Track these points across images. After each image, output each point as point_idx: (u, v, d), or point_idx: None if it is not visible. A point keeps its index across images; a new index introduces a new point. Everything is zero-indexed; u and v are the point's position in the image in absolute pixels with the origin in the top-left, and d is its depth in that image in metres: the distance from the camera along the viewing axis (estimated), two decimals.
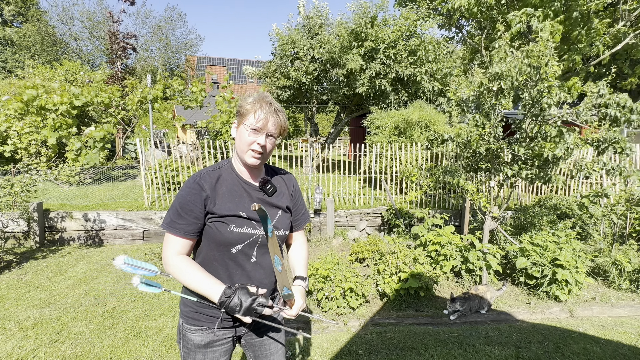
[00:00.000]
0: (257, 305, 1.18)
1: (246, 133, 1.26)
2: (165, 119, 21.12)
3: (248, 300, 1.17)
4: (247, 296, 1.18)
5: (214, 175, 1.30)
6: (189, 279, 1.22)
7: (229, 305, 1.17)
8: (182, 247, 1.27)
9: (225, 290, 1.18)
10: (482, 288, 3.83)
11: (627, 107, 3.49)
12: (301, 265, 1.50)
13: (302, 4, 10.30)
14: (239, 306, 1.17)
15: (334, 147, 13.33)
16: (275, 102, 1.30)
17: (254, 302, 1.17)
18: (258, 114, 1.24)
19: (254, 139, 1.25)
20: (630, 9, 7.49)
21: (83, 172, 7.80)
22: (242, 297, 1.18)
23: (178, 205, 1.26)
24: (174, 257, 1.25)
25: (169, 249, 1.26)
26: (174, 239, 1.26)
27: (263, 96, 1.29)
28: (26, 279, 4.26)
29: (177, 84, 8.94)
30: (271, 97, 1.31)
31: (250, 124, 1.25)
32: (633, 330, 3.39)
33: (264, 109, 1.25)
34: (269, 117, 1.25)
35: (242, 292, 1.19)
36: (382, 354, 2.93)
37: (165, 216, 1.29)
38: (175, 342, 2.99)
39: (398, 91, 9.92)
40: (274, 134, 1.28)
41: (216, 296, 1.18)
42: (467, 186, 4.30)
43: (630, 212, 4.81)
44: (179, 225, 1.25)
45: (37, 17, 26.60)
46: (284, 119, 1.30)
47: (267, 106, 1.26)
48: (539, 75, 3.60)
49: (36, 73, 11.38)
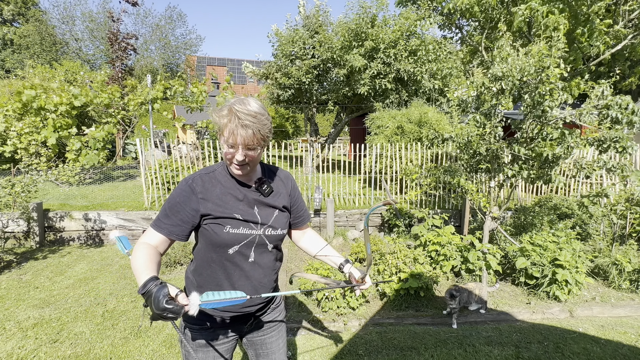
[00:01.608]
0: (169, 308, 1.01)
1: (224, 148, 1.24)
2: (165, 119, 21.11)
3: (163, 301, 1.01)
4: (162, 295, 1.02)
5: (208, 177, 1.30)
6: (133, 263, 1.17)
7: (148, 299, 1.04)
8: (159, 241, 1.26)
9: (146, 282, 1.07)
10: (471, 285, 3.82)
11: (630, 109, 3.49)
12: (332, 252, 1.53)
13: (303, 3, 10.30)
14: (153, 304, 1.02)
15: (334, 147, 13.33)
16: (247, 112, 1.18)
17: (167, 303, 1.01)
18: (228, 130, 1.19)
19: (232, 154, 1.23)
20: (630, 9, 7.49)
21: (83, 172, 7.80)
22: (157, 294, 1.03)
23: (167, 205, 1.27)
24: (140, 243, 1.24)
25: (143, 236, 1.27)
26: (154, 232, 1.26)
27: (231, 108, 1.19)
28: (26, 279, 4.26)
29: (178, 84, 8.95)
30: (242, 106, 1.19)
31: (225, 140, 1.22)
32: (633, 330, 3.39)
33: (232, 123, 1.18)
34: (237, 132, 1.18)
35: (158, 290, 1.03)
36: (382, 354, 2.93)
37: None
38: (175, 342, 2.99)
39: (399, 91, 9.93)
40: (249, 146, 1.21)
41: (140, 285, 1.09)
42: (467, 186, 4.30)
43: (630, 212, 4.81)
44: (164, 224, 1.26)
45: (37, 17, 26.61)
46: (255, 131, 1.19)
47: (235, 119, 1.18)
48: (541, 77, 3.59)
49: (36, 73, 11.38)
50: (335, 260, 1.49)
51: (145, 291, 1.05)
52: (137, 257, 1.18)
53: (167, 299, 1.01)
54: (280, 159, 12.27)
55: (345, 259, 1.48)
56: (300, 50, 9.76)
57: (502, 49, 4.00)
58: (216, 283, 1.32)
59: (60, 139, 7.89)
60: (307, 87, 10.20)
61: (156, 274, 1.13)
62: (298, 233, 1.58)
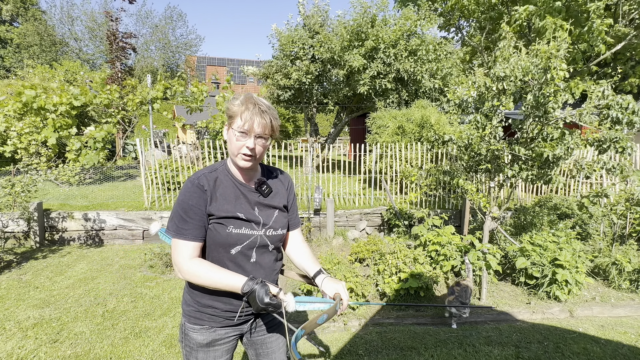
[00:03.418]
0: (270, 308, 1.16)
1: (234, 137, 1.24)
2: (165, 119, 21.13)
3: (263, 303, 1.15)
4: (263, 296, 1.16)
5: (212, 177, 1.30)
6: (209, 279, 1.21)
7: (250, 297, 1.17)
8: (194, 250, 1.26)
9: (247, 282, 1.18)
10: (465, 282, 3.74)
11: (630, 108, 3.49)
12: (310, 260, 1.48)
13: (303, 2, 10.30)
14: (255, 301, 1.15)
15: (334, 147, 13.32)
16: (263, 102, 1.25)
17: (271, 299, 1.16)
18: (244, 116, 1.21)
19: (242, 143, 1.23)
20: (631, 9, 7.49)
21: (83, 172, 7.80)
22: (260, 291, 1.16)
23: (181, 210, 1.24)
24: (187, 262, 1.23)
25: (179, 254, 1.24)
26: (183, 243, 1.24)
27: (249, 97, 1.25)
28: (26, 279, 4.26)
29: (178, 84, 8.94)
30: (258, 97, 1.26)
31: (238, 127, 1.22)
32: (633, 330, 3.40)
33: (249, 110, 1.21)
34: (254, 118, 1.21)
35: (261, 288, 1.17)
36: (382, 354, 2.93)
37: (168, 224, 1.28)
38: (175, 342, 2.99)
39: (399, 90, 9.93)
40: (263, 135, 1.24)
41: (239, 286, 1.18)
42: (467, 186, 4.30)
43: (630, 212, 4.81)
44: (186, 230, 1.24)
45: (36, 17, 26.59)
46: (271, 119, 1.25)
47: (252, 107, 1.21)
48: (546, 78, 3.58)
49: (36, 73, 11.38)
50: (309, 269, 1.46)
51: (249, 290, 1.17)
52: (205, 271, 1.22)
53: (270, 296, 1.16)
54: (280, 159, 12.27)
55: (319, 269, 1.44)
56: (301, 50, 9.76)
57: (504, 49, 4.00)
58: None
59: (60, 139, 7.89)
60: (307, 88, 10.20)
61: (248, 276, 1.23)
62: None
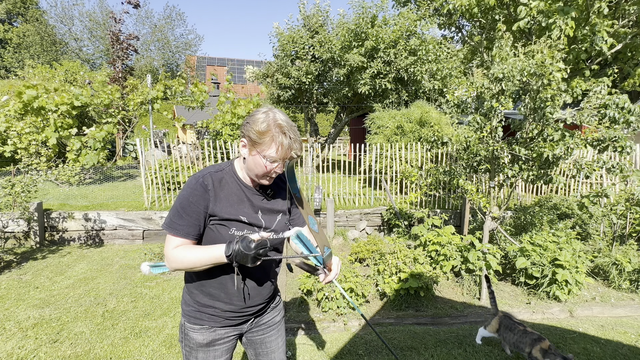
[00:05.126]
0: (261, 251, 1.14)
1: (262, 161, 1.22)
2: (165, 119, 21.11)
3: (252, 250, 1.12)
4: (248, 244, 1.13)
5: (217, 176, 1.29)
6: (193, 258, 1.20)
7: (237, 256, 1.13)
8: (182, 245, 1.26)
9: (227, 246, 1.16)
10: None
11: (626, 108, 3.49)
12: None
13: (303, 2, 10.31)
14: (244, 254, 1.12)
15: (334, 147, 13.32)
16: (289, 126, 1.22)
17: (258, 249, 1.13)
18: (279, 149, 1.20)
19: (271, 168, 1.23)
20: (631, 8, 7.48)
21: (83, 172, 7.80)
22: (242, 245, 1.13)
23: (179, 206, 1.24)
24: (172, 250, 1.24)
25: (167, 246, 1.25)
26: (174, 239, 1.25)
27: (278, 124, 1.20)
28: (26, 279, 4.26)
29: (178, 84, 8.94)
30: (283, 119, 1.22)
31: (270, 156, 1.21)
32: (633, 330, 3.39)
33: (284, 147, 1.20)
34: (289, 153, 1.22)
35: (243, 241, 1.14)
36: (382, 354, 2.93)
37: (166, 216, 1.29)
38: (175, 342, 2.99)
39: (398, 91, 9.93)
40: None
41: (222, 253, 1.16)
42: (467, 186, 4.30)
43: (630, 212, 4.81)
44: (179, 226, 1.24)
45: (36, 17, 26.60)
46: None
47: (287, 140, 1.20)
48: (543, 82, 3.58)
49: (36, 73, 11.38)
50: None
51: (233, 252, 1.13)
52: (189, 253, 1.21)
53: (254, 243, 1.13)
54: None
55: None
56: (301, 50, 9.76)
57: (501, 48, 3.99)
58: (218, 282, 1.32)
59: (61, 139, 7.88)
60: (307, 87, 10.20)
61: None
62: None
